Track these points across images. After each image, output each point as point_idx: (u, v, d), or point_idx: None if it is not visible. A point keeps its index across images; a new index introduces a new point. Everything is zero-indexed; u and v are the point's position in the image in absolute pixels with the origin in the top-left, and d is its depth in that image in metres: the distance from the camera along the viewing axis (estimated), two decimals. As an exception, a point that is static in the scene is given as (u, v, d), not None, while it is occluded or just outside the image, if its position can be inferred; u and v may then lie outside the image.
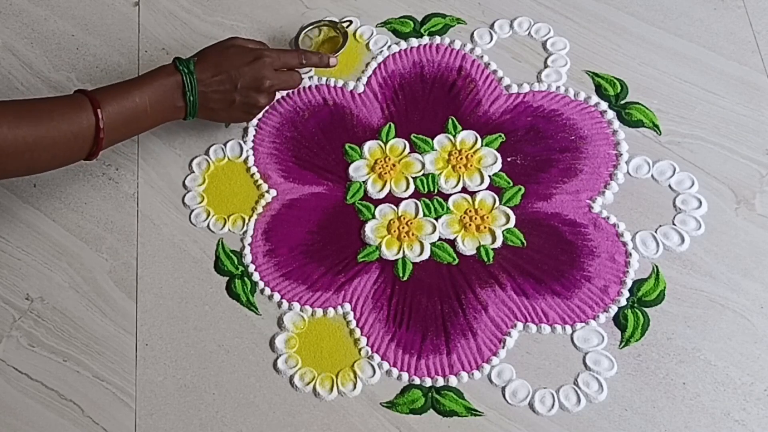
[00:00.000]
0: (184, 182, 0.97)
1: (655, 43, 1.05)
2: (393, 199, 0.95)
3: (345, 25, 1.04)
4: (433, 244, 0.92)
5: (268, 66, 0.92)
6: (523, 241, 0.92)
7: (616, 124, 0.99)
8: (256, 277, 0.91)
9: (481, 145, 0.98)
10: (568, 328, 0.87)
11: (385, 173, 0.96)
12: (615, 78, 1.02)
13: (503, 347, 0.86)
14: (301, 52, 0.97)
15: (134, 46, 1.06)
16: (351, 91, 1.02)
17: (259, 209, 0.95)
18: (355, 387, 0.85)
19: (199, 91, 0.90)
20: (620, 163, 0.96)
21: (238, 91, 0.91)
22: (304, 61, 0.96)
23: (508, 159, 0.97)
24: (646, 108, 1.00)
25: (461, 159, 0.97)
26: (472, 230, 0.93)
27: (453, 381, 0.85)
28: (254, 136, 1.00)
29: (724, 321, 0.87)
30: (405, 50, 1.05)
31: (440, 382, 0.85)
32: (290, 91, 1.02)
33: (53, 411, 0.85)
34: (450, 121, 1.00)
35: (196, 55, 0.92)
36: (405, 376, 0.86)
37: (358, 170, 0.97)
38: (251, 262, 0.92)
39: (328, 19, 1.05)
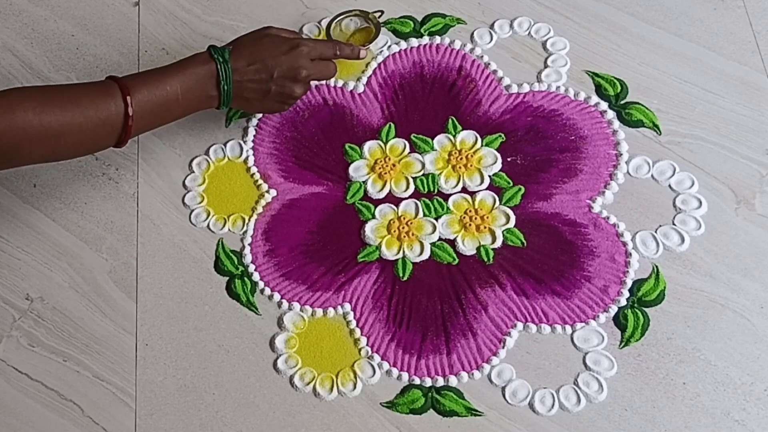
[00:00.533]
0: (184, 182, 0.97)
1: (655, 43, 1.05)
2: (393, 199, 0.95)
3: (377, 15, 1.04)
4: (433, 244, 0.92)
5: (305, 56, 0.91)
6: (523, 241, 0.92)
7: (616, 124, 0.99)
8: (256, 277, 0.91)
9: (481, 145, 0.98)
10: (568, 328, 0.87)
11: (385, 173, 0.96)
12: (615, 78, 1.02)
13: (503, 347, 0.86)
14: (335, 43, 0.96)
15: (134, 46, 1.06)
16: (351, 91, 1.02)
17: (259, 209, 0.95)
18: (355, 387, 0.85)
19: (233, 81, 0.89)
20: (620, 163, 0.96)
21: (273, 81, 0.90)
22: (338, 53, 0.95)
23: (508, 159, 0.97)
24: (646, 108, 1.00)
25: (461, 159, 0.97)
26: (472, 230, 0.93)
27: (453, 381, 0.85)
28: (254, 136, 1.00)
29: (724, 321, 0.87)
30: (405, 50, 1.05)
31: (440, 382, 0.85)
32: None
33: (53, 411, 0.85)
34: (450, 121, 1.00)
35: (231, 43, 0.91)
36: (405, 376, 0.86)
37: (358, 170, 0.97)
38: (251, 262, 0.92)
39: (359, 9, 1.04)
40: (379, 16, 1.04)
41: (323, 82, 1.02)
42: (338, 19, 1.04)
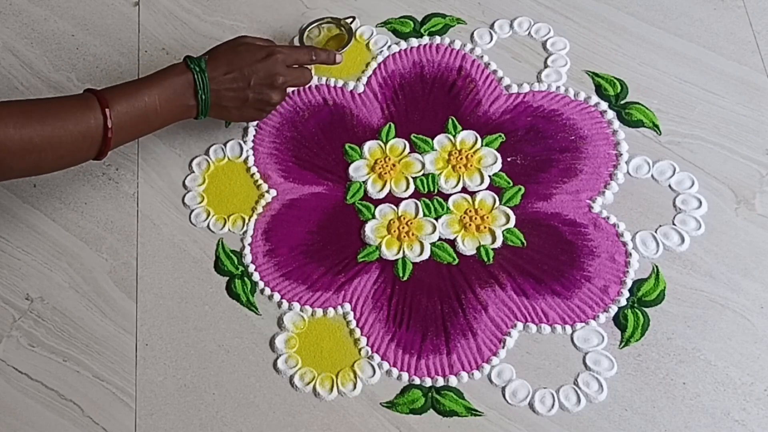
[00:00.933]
0: (184, 182, 0.97)
1: (655, 43, 1.05)
2: (393, 199, 0.95)
3: (348, 21, 1.04)
4: (433, 244, 0.92)
5: (281, 62, 0.92)
6: (523, 241, 0.92)
7: (616, 124, 0.99)
8: (256, 277, 0.91)
9: (481, 145, 0.98)
10: (568, 328, 0.87)
11: (385, 173, 0.96)
12: (615, 78, 1.02)
13: (503, 347, 0.86)
14: (311, 49, 0.97)
15: (134, 46, 1.06)
16: (351, 91, 1.02)
17: (259, 209, 0.95)
18: (355, 387, 0.85)
19: (211, 90, 0.89)
20: (620, 163, 0.96)
21: (251, 89, 0.91)
22: (314, 58, 0.96)
23: (508, 159, 0.97)
24: (646, 108, 1.00)
25: (461, 159, 0.97)
26: (472, 230, 0.93)
27: (453, 381, 0.85)
28: (254, 136, 1.00)
29: (724, 321, 0.87)
30: (405, 50, 1.05)
31: (440, 382, 0.85)
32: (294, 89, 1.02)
33: (53, 411, 0.85)
34: (450, 121, 1.00)
35: (207, 53, 0.92)
36: (405, 376, 0.86)
37: (358, 170, 0.97)
38: (251, 262, 0.92)
39: (331, 16, 1.05)
40: (351, 22, 1.04)
41: (323, 81, 1.02)
42: (311, 26, 1.04)
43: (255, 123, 1.00)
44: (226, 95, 0.91)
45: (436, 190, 0.96)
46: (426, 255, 0.92)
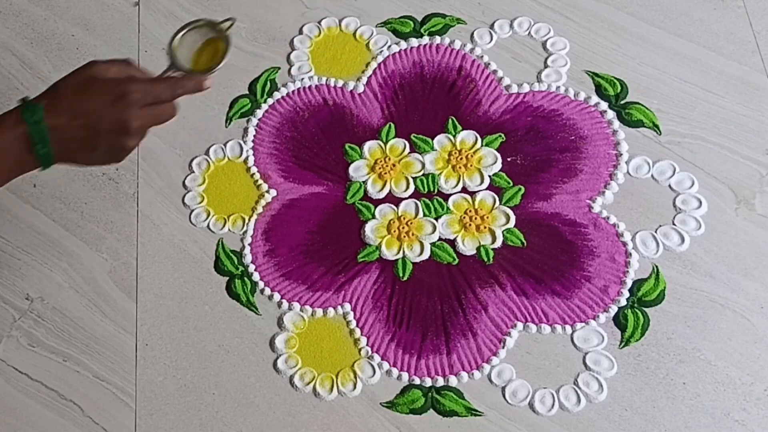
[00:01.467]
0: (184, 182, 0.97)
1: (655, 43, 1.05)
2: (393, 199, 0.95)
3: (227, 24, 0.84)
4: (433, 244, 0.92)
5: (134, 104, 0.75)
6: (523, 241, 0.92)
7: (616, 124, 0.99)
8: (256, 277, 0.91)
9: (481, 145, 0.98)
10: (568, 328, 0.87)
11: (385, 173, 0.96)
12: (615, 78, 1.02)
13: (503, 347, 0.86)
14: (173, 83, 0.79)
15: (134, 46, 1.06)
16: (351, 91, 1.02)
17: (259, 209, 0.95)
18: (355, 387, 0.85)
19: (52, 141, 0.74)
20: (620, 163, 0.96)
21: (101, 137, 0.75)
22: (178, 91, 0.78)
23: (508, 159, 0.97)
24: (646, 108, 1.00)
25: (461, 159, 0.97)
26: (472, 230, 0.93)
27: (453, 381, 0.85)
28: (254, 136, 1.00)
29: (724, 321, 0.87)
30: (405, 50, 1.05)
31: (440, 382, 0.85)
32: (284, 93, 1.01)
33: (53, 411, 0.85)
34: (450, 121, 1.00)
35: (48, 94, 0.76)
36: (405, 376, 0.86)
37: (358, 170, 0.97)
38: (251, 262, 0.92)
39: (205, 19, 0.87)
40: (229, 27, 0.84)
41: (323, 81, 1.02)
42: (182, 33, 0.84)
43: (255, 123, 1.00)
44: (71, 146, 0.75)
45: (436, 190, 0.96)
46: (426, 255, 0.92)
